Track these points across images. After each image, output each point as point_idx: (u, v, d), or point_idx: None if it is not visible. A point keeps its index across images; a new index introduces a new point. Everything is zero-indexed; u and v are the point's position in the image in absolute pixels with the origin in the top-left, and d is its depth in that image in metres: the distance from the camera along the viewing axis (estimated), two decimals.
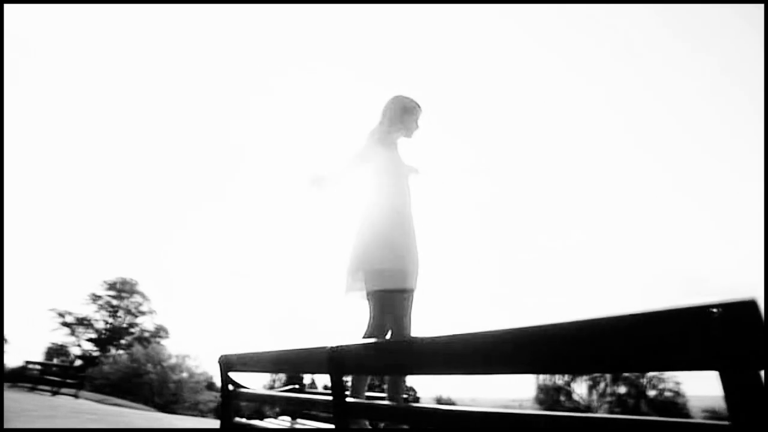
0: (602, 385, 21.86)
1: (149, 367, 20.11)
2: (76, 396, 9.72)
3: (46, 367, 11.06)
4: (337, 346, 1.36)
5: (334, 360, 1.37)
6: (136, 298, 31.30)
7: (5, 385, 11.12)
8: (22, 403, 6.12)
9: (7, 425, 4.01)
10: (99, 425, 4.70)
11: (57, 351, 28.73)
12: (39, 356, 28.05)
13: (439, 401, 35.21)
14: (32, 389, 10.02)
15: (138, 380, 19.38)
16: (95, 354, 28.44)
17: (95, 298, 30.33)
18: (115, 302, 30.72)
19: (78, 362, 26.26)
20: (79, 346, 29.41)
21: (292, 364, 1.58)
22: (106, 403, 10.20)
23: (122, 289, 30.95)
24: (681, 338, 0.69)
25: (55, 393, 9.70)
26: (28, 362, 11.57)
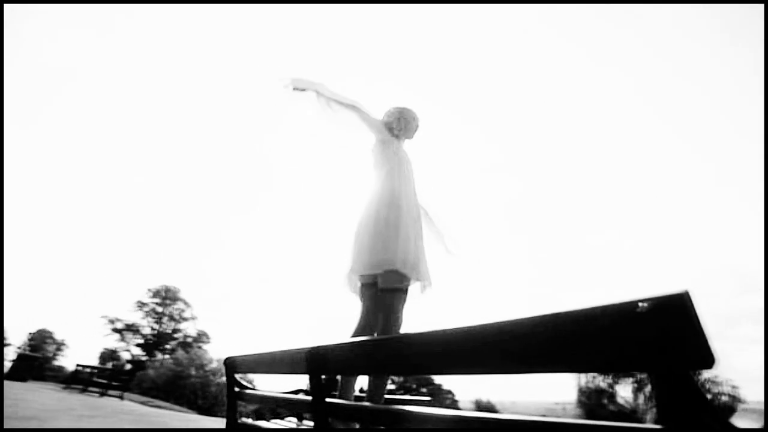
0: (648, 388, 20.77)
1: (192, 371, 20.92)
2: (121, 398, 10.27)
3: (95, 370, 11.75)
4: (316, 347, 1.37)
5: (312, 360, 1.38)
6: (179, 305, 32.73)
7: (60, 386, 11.92)
8: (68, 403, 6.53)
9: (53, 422, 4.29)
10: (132, 425, 4.94)
11: (109, 355, 30.49)
12: (94, 360, 29.88)
13: (479, 405, 34.46)
14: (83, 391, 10.67)
15: (181, 383, 20.21)
16: (143, 358, 29.96)
17: (141, 305, 31.98)
18: (159, 309, 32.27)
19: (127, 366, 27.73)
20: (128, 350, 31.09)
21: (279, 364, 1.61)
22: (149, 405, 10.70)
23: (166, 296, 32.47)
24: (609, 337, 0.65)
25: (102, 394, 10.30)
26: (79, 365, 12.33)
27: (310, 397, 1.41)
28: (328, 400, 1.38)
